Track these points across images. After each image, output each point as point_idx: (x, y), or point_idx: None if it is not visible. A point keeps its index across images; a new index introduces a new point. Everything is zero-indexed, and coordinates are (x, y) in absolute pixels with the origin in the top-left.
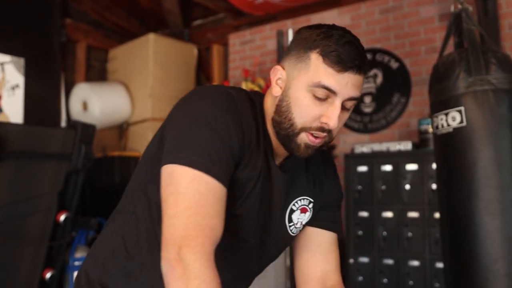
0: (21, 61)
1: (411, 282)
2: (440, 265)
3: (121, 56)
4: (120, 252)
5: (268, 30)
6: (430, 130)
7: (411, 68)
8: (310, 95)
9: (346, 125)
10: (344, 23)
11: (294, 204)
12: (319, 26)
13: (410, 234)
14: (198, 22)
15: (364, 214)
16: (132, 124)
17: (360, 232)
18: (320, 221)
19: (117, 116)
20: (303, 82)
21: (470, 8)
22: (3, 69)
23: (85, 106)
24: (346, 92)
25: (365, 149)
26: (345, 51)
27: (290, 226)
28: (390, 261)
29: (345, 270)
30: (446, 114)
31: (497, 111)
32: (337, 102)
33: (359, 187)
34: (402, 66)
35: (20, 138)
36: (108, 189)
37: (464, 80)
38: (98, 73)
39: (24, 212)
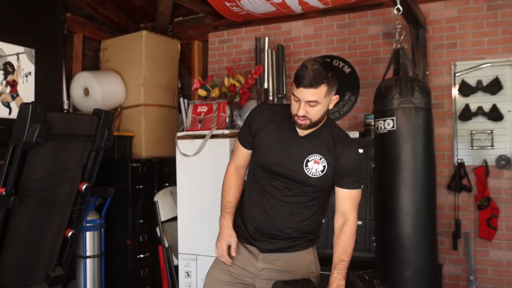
0: (32, 51)
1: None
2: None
3: (114, 47)
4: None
5: (244, 33)
6: (373, 123)
7: (360, 74)
8: (293, 99)
9: None
10: (308, 33)
11: (310, 156)
12: (307, 60)
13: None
14: (179, 19)
15: None
16: (125, 108)
17: None
18: (337, 182)
19: (114, 101)
20: (292, 93)
21: (406, 47)
22: (18, 59)
23: (86, 92)
24: (304, 97)
25: None
26: (300, 76)
27: (306, 169)
28: None
29: None
30: (384, 121)
31: (415, 121)
32: (301, 103)
33: None
34: (353, 71)
35: (59, 123)
36: (109, 163)
37: (397, 99)
38: (91, 62)
39: (57, 182)
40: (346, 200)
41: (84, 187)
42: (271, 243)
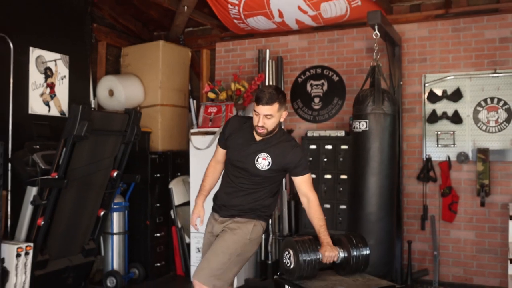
0: (67, 58)
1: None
2: None
3: (133, 54)
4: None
5: (247, 44)
6: None
7: (346, 82)
8: (254, 114)
9: (301, 117)
10: (303, 46)
11: (260, 154)
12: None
13: (341, 188)
14: (189, 29)
15: (313, 176)
16: (144, 107)
17: None
18: (292, 173)
19: (135, 101)
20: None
21: (381, 64)
22: (56, 64)
23: (111, 93)
24: (262, 112)
25: (315, 134)
26: (260, 97)
27: (257, 163)
28: (327, 205)
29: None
30: (359, 122)
31: (384, 124)
32: (260, 116)
33: (310, 159)
34: (341, 80)
35: (99, 120)
36: (130, 155)
37: (370, 106)
38: (112, 66)
39: (94, 169)
40: (303, 184)
41: (115, 174)
42: (227, 212)
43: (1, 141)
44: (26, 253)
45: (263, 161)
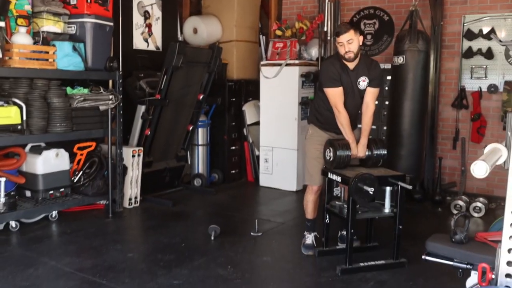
0: (160, 2)
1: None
2: None
3: None
4: (317, 107)
5: None
6: None
7: (395, 21)
8: (338, 46)
9: None
10: None
11: (360, 79)
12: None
13: (385, 112)
14: None
15: None
16: (222, 43)
17: None
18: (370, 84)
19: (214, 37)
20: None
21: (419, 9)
22: (152, 8)
23: (195, 31)
24: (344, 40)
25: None
26: (338, 30)
27: (359, 85)
28: (373, 126)
29: None
30: (398, 57)
31: (417, 59)
32: (344, 44)
33: None
34: (390, 19)
35: (191, 53)
36: (212, 82)
37: (407, 44)
38: (195, 7)
39: (186, 93)
40: (371, 94)
41: (201, 97)
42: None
43: (118, 70)
44: (138, 155)
45: (363, 83)
